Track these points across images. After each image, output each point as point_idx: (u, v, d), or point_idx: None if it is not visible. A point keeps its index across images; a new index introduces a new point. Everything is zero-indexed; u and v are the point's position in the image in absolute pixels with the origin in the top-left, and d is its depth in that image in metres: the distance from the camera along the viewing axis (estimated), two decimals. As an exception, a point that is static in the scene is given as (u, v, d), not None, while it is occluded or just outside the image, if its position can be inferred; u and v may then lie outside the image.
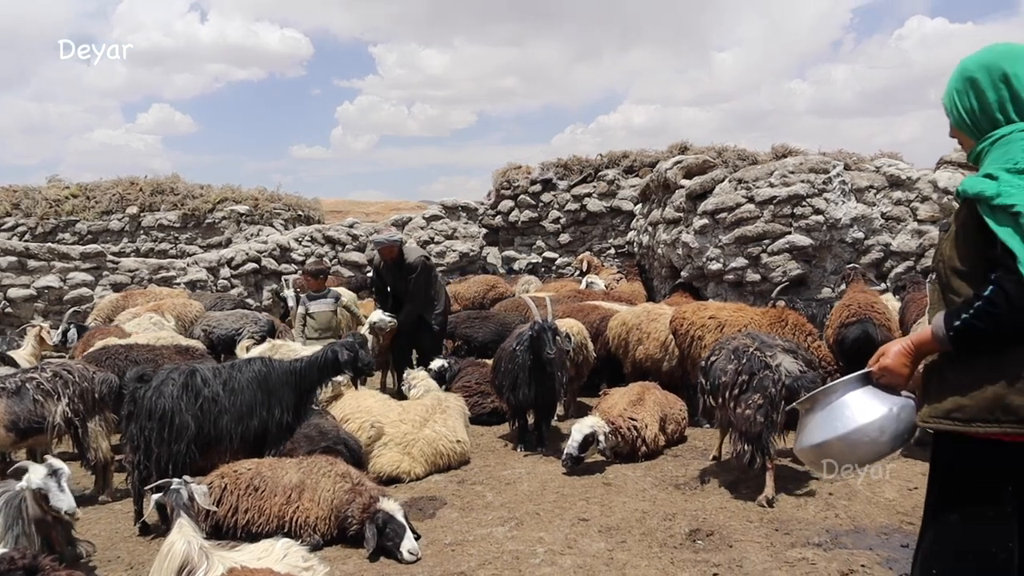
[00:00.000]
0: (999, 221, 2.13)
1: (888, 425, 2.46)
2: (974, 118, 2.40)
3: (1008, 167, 2.19)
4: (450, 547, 4.73)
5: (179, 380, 5.18)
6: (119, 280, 13.34)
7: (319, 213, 20.63)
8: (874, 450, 2.50)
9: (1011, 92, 2.32)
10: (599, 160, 16.31)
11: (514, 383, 6.76)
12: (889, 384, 2.48)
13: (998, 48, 2.40)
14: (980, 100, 2.37)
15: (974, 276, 2.25)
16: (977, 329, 2.18)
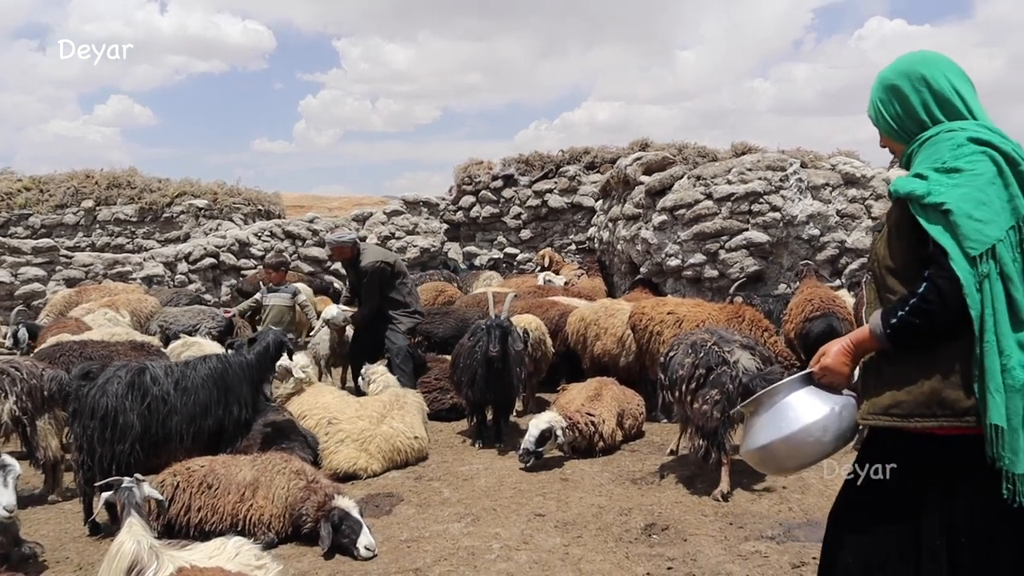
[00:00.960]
0: (930, 219, 2.19)
1: (831, 424, 2.47)
2: (901, 123, 2.46)
3: (936, 166, 2.24)
4: (406, 544, 4.72)
5: (125, 378, 5.09)
6: (73, 275, 13.10)
7: (280, 208, 20.43)
8: (819, 449, 2.51)
9: (932, 93, 2.38)
10: (561, 156, 16.36)
11: (472, 379, 6.75)
12: (831, 383, 2.50)
13: (911, 55, 2.48)
14: (904, 105, 2.43)
15: (908, 274, 2.30)
16: (913, 326, 2.23)
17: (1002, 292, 2.13)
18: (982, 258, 2.12)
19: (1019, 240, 2.17)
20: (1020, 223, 2.17)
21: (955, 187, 2.18)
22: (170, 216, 17.12)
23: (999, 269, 2.13)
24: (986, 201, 2.16)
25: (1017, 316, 2.14)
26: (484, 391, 6.71)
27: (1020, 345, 2.12)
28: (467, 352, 6.87)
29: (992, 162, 2.20)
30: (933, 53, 2.47)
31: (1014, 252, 2.16)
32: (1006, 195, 2.18)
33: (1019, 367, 2.11)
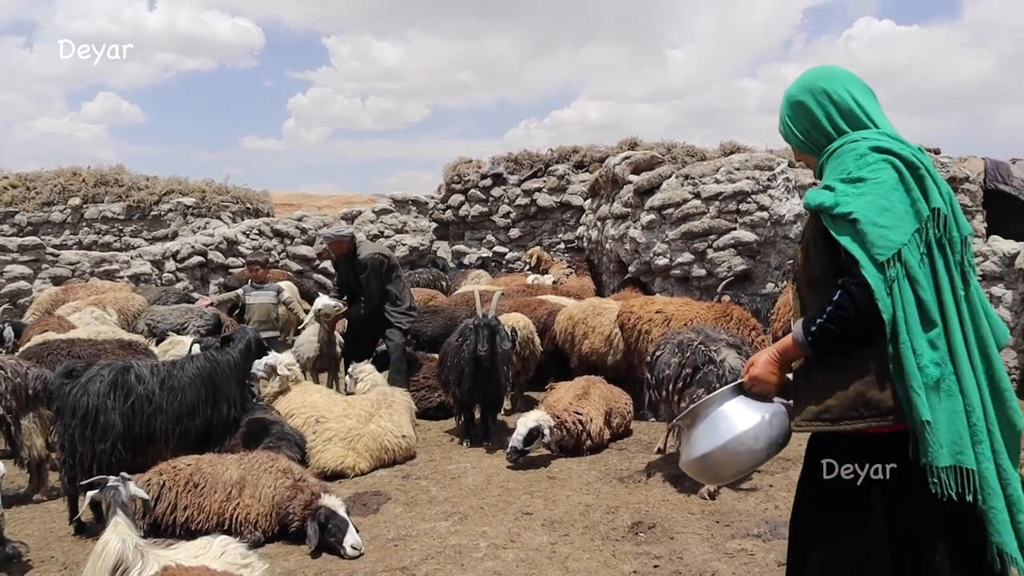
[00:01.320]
0: (839, 230, 2.28)
1: (762, 432, 2.54)
2: (809, 137, 2.54)
3: (842, 177, 2.33)
4: (393, 542, 4.72)
5: (108, 377, 5.06)
6: (59, 273, 13.02)
7: (268, 206, 20.35)
8: (752, 457, 2.58)
9: (834, 106, 2.47)
10: (550, 155, 16.36)
11: (459, 378, 6.76)
12: (761, 392, 2.57)
13: (813, 71, 2.58)
14: (810, 119, 2.51)
15: (826, 284, 2.37)
16: (831, 332, 2.31)
17: (911, 294, 2.22)
18: (890, 263, 2.21)
19: (924, 242, 2.25)
20: (924, 225, 2.25)
21: (860, 196, 2.26)
22: (158, 214, 17.03)
23: (906, 272, 2.21)
24: (890, 207, 2.25)
25: (926, 316, 2.22)
26: (472, 390, 6.71)
27: (930, 344, 2.21)
28: (454, 351, 6.87)
29: (894, 169, 2.29)
30: (834, 68, 2.57)
31: (920, 254, 2.24)
32: (908, 200, 2.27)
33: (931, 364, 2.19)
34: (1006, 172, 11.86)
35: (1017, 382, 7.29)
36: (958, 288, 2.28)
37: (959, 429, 2.22)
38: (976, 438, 2.23)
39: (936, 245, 2.26)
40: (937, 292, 2.26)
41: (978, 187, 11.16)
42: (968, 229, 2.37)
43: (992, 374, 2.30)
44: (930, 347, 2.21)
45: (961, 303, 2.28)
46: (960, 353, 2.25)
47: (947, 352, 2.24)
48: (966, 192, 10.86)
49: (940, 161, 10.70)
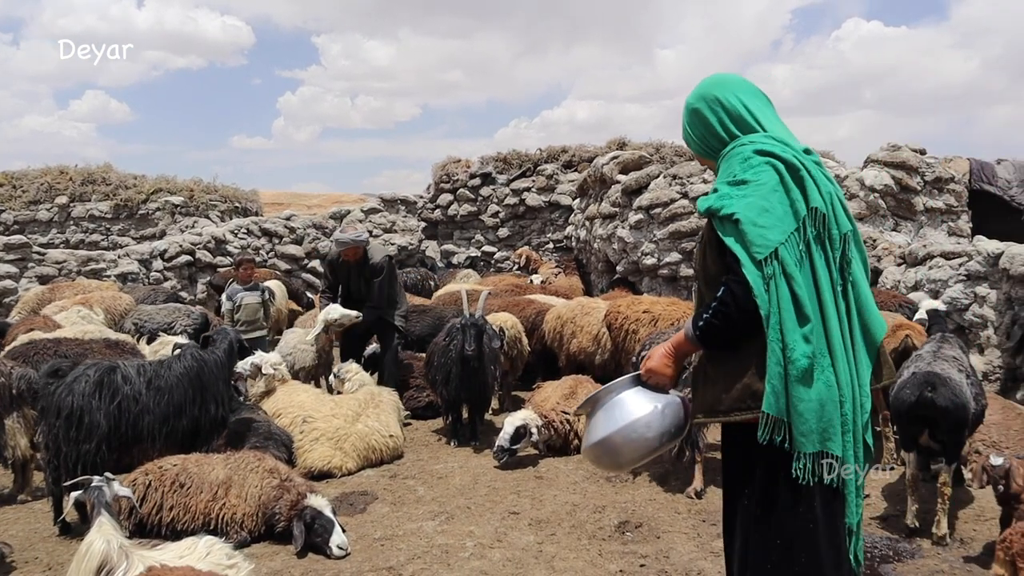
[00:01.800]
0: (725, 230, 2.40)
1: (654, 421, 2.62)
2: (706, 142, 2.65)
3: (728, 180, 2.45)
4: (379, 542, 4.72)
5: (93, 377, 5.04)
6: (46, 272, 12.95)
7: (257, 205, 20.31)
8: (644, 445, 2.66)
9: (725, 112, 2.58)
10: (538, 155, 16.38)
11: (446, 377, 6.75)
12: (657, 384, 2.68)
13: (708, 79, 2.69)
14: (705, 125, 2.62)
15: (720, 282, 2.46)
16: (715, 327, 2.44)
17: (787, 291, 2.31)
18: (767, 261, 2.31)
19: (803, 240, 2.36)
20: (802, 225, 2.36)
21: (742, 197, 2.38)
22: (146, 213, 16.97)
23: (783, 270, 2.31)
24: (769, 208, 2.36)
25: (801, 312, 2.32)
26: (459, 389, 6.71)
27: (804, 338, 2.31)
28: (441, 350, 6.87)
29: (775, 171, 2.40)
30: (727, 75, 2.69)
31: (798, 252, 2.35)
32: (788, 200, 2.37)
33: (803, 357, 2.30)
34: (991, 173, 11.94)
35: (1001, 381, 7.34)
36: (836, 283, 2.39)
37: (832, 418, 2.34)
38: (845, 427, 2.37)
39: (816, 243, 2.37)
40: (816, 288, 2.36)
41: (963, 187, 11.20)
42: (847, 227, 2.44)
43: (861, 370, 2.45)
44: (804, 341, 2.31)
45: (839, 298, 2.40)
46: (837, 346, 2.37)
47: (824, 345, 2.35)
48: (951, 192, 10.90)
49: (926, 161, 10.74)
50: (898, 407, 4.69)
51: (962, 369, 4.82)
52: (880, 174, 10.35)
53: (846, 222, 2.45)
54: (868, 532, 4.81)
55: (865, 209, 10.15)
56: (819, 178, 2.44)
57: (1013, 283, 7.24)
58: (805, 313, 2.32)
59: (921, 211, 10.63)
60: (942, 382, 4.55)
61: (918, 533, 4.69)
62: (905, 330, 5.74)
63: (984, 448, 5.61)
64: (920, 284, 8.34)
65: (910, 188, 10.52)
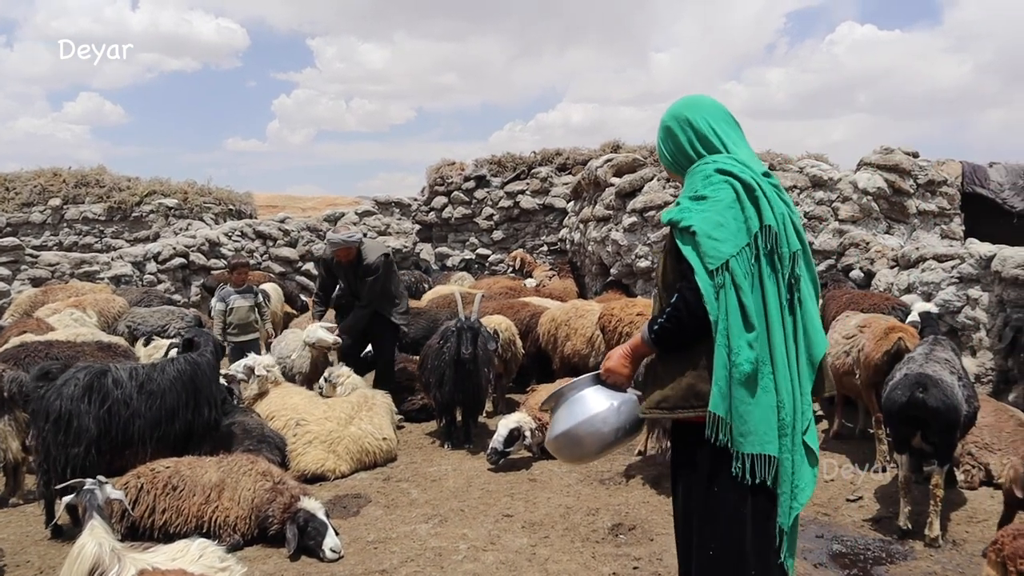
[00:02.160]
0: (683, 241, 2.60)
1: (610, 417, 2.85)
2: (677, 159, 2.85)
3: (690, 195, 2.67)
4: (372, 545, 4.71)
5: (83, 381, 5.03)
6: (38, 274, 12.91)
7: (251, 208, 20.26)
8: (600, 439, 2.88)
9: (694, 132, 2.78)
10: (533, 158, 16.39)
11: (440, 380, 6.75)
12: (615, 383, 2.90)
13: (682, 100, 2.90)
14: (675, 143, 2.83)
15: (675, 288, 2.67)
16: (668, 330, 2.65)
17: (735, 300, 2.50)
18: (718, 271, 2.51)
19: (755, 255, 2.55)
20: (754, 240, 2.55)
21: (701, 212, 2.58)
22: (139, 215, 16.92)
23: (732, 280, 2.50)
24: (723, 223, 2.55)
25: (747, 320, 2.50)
26: (453, 392, 6.71)
27: (749, 345, 2.50)
28: (435, 353, 6.87)
29: (732, 189, 2.60)
30: (699, 97, 2.91)
31: (748, 265, 2.53)
32: (742, 217, 2.56)
33: (746, 362, 2.48)
34: (983, 176, 11.97)
35: (994, 383, 7.36)
36: (784, 298, 2.59)
37: (770, 421, 2.53)
38: (783, 431, 2.54)
39: (766, 258, 2.56)
40: (764, 300, 2.55)
41: (956, 190, 11.23)
42: (796, 246, 2.63)
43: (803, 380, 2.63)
44: (748, 347, 2.50)
45: (785, 312, 2.59)
46: (779, 356, 2.55)
47: (768, 354, 2.54)
48: (944, 195, 10.93)
49: (919, 164, 10.77)
50: (890, 408, 4.71)
51: (954, 371, 4.84)
52: (873, 177, 10.38)
53: (796, 241, 2.63)
54: (861, 534, 4.83)
55: (858, 212, 10.18)
56: (773, 198, 2.63)
57: (1005, 285, 7.27)
58: (751, 322, 2.51)
59: (914, 214, 10.65)
60: (933, 383, 4.57)
61: (911, 535, 4.70)
62: (898, 332, 5.75)
63: (976, 450, 5.64)
64: (913, 286, 8.36)
65: (903, 191, 10.55)
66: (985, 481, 5.58)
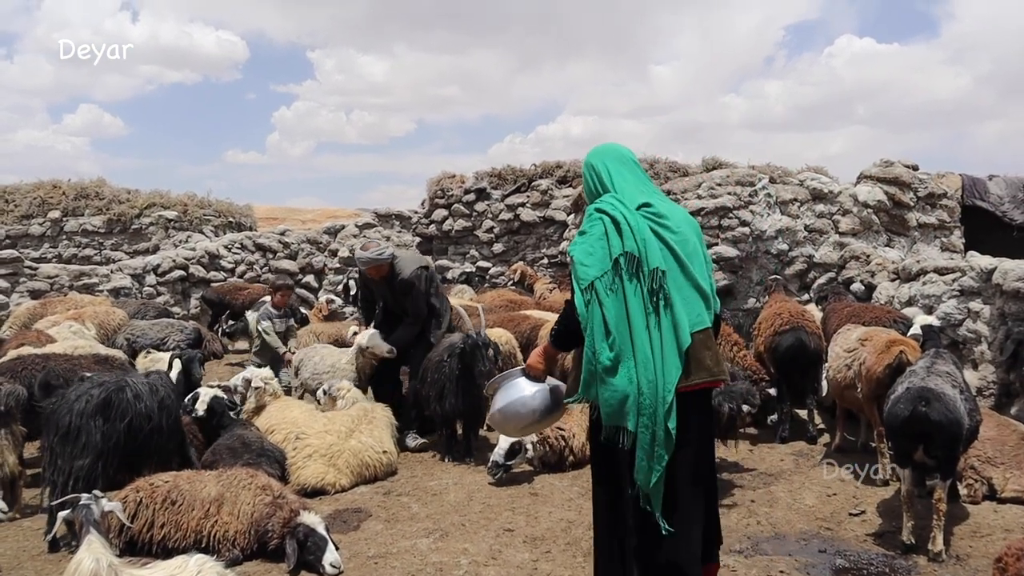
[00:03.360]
0: (571, 267, 3.35)
1: (529, 401, 3.65)
2: (591, 195, 3.56)
3: (582, 230, 3.37)
4: (373, 560, 4.68)
5: (97, 397, 5.03)
6: (37, 287, 12.90)
7: (251, 220, 20.26)
8: (524, 416, 3.69)
9: (595, 174, 3.54)
10: (533, 170, 16.36)
11: (440, 393, 6.72)
12: (534, 376, 3.70)
13: (594, 148, 3.64)
14: (586, 182, 3.61)
15: None
16: (560, 333, 3.56)
17: (598, 311, 3.21)
18: (586, 290, 3.24)
19: (617, 275, 3.21)
20: (615, 264, 3.22)
21: (579, 244, 3.34)
22: (139, 228, 16.93)
23: (596, 296, 3.22)
24: (592, 252, 3.27)
25: (607, 327, 3.19)
26: (454, 406, 6.67)
27: (608, 346, 3.19)
28: (435, 366, 6.84)
29: (603, 224, 3.30)
30: (606, 145, 3.65)
31: (608, 284, 3.21)
32: (607, 246, 3.25)
33: (606, 359, 3.18)
34: (983, 189, 11.99)
35: (996, 396, 7.34)
36: (647, 305, 3.20)
37: (629, 403, 3.16)
38: (642, 411, 3.15)
39: (629, 275, 3.21)
40: (626, 310, 3.20)
41: (956, 203, 11.25)
42: (655, 263, 3.21)
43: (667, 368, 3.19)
44: (608, 348, 3.19)
45: (650, 315, 3.20)
46: (641, 352, 3.17)
47: (629, 351, 3.18)
48: (944, 208, 10.95)
49: (919, 177, 10.79)
50: (892, 422, 4.69)
51: (956, 384, 4.82)
52: (873, 190, 10.39)
53: (655, 260, 3.22)
54: (864, 549, 4.80)
55: (859, 225, 10.18)
56: (638, 228, 3.25)
57: (1006, 298, 7.26)
58: (609, 328, 3.19)
59: (914, 227, 10.66)
60: (935, 397, 4.55)
61: (914, 550, 4.67)
62: (899, 346, 5.73)
63: (979, 464, 5.61)
64: (914, 299, 8.35)
65: (903, 204, 10.56)
66: (988, 495, 5.56)
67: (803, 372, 7.22)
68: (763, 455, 6.72)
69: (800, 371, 7.21)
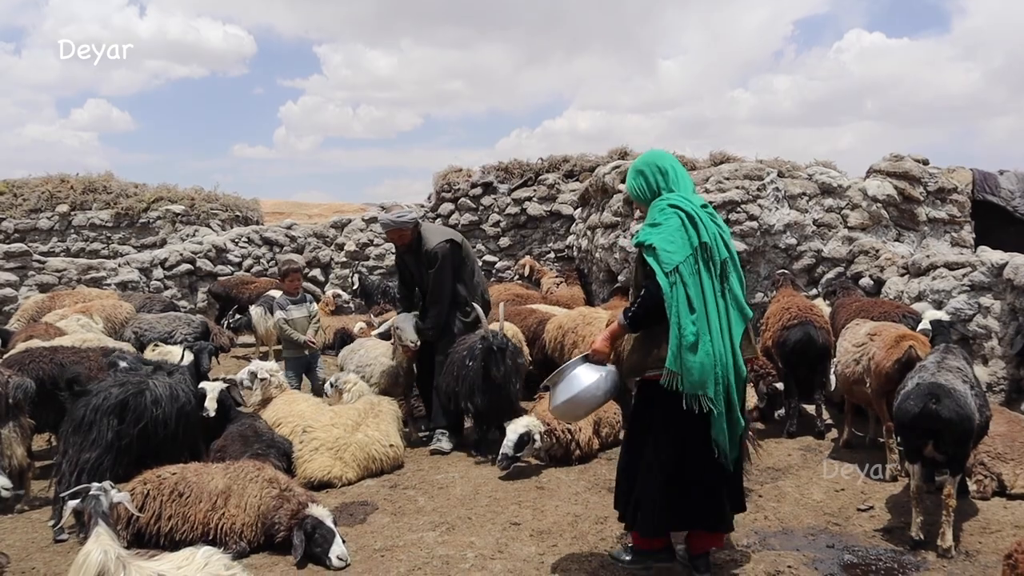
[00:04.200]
0: (648, 254, 3.86)
1: (602, 384, 4.08)
2: (644, 193, 4.14)
3: (650, 223, 3.95)
4: (379, 553, 4.67)
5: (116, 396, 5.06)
6: (46, 280, 12.92)
7: (258, 214, 20.30)
8: (594, 400, 4.14)
9: (662, 175, 4.09)
10: (540, 164, 16.33)
11: (471, 391, 6.54)
12: (598, 360, 4.12)
13: (648, 153, 4.25)
14: (646, 182, 4.13)
15: (641, 287, 4.01)
16: (639, 315, 3.93)
17: (682, 292, 3.76)
18: (671, 273, 3.77)
19: (696, 261, 3.80)
20: (695, 252, 3.81)
21: (658, 234, 3.85)
22: (146, 222, 16.96)
23: (681, 279, 3.77)
24: (673, 240, 3.81)
25: (691, 305, 3.76)
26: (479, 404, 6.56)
27: (692, 322, 3.74)
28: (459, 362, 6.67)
29: (678, 218, 3.87)
30: (661, 151, 4.29)
31: (691, 268, 3.79)
32: (685, 236, 3.84)
33: (690, 334, 3.72)
34: (994, 183, 11.89)
35: (1006, 392, 7.29)
36: (717, 289, 3.86)
37: (707, 373, 3.74)
38: (717, 381, 3.78)
39: (703, 264, 3.83)
40: (702, 291, 3.79)
41: (966, 198, 11.16)
42: (724, 255, 3.92)
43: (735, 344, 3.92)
44: (692, 324, 3.74)
45: (719, 298, 3.86)
46: (715, 329, 3.80)
47: (706, 328, 3.76)
48: (954, 203, 10.86)
49: (929, 171, 10.70)
50: (902, 418, 4.65)
51: (966, 380, 4.79)
52: (883, 184, 10.32)
53: (724, 251, 3.92)
54: (872, 544, 4.78)
55: (868, 219, 10.12)
56: (707, 223, 3.89)
57: (1018, 294, 7.21)
58: (693, 306, 3.76)
59: (924, 221, 10.59)
60: (946, 393, 4.51)
61: (923, 545, 4.65)
62: (909, 341, 5.70)
63: (989, 460, 5.58)
64: (923, 295, 8.30)
65: (913, 198, 10.49)
66: (998, 491, 5.52)
67: (811, 367, 7.19)
68: (770, 450, 6.69)
69: (808, 366, 7.18)
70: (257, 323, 10.94)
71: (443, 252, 6.61)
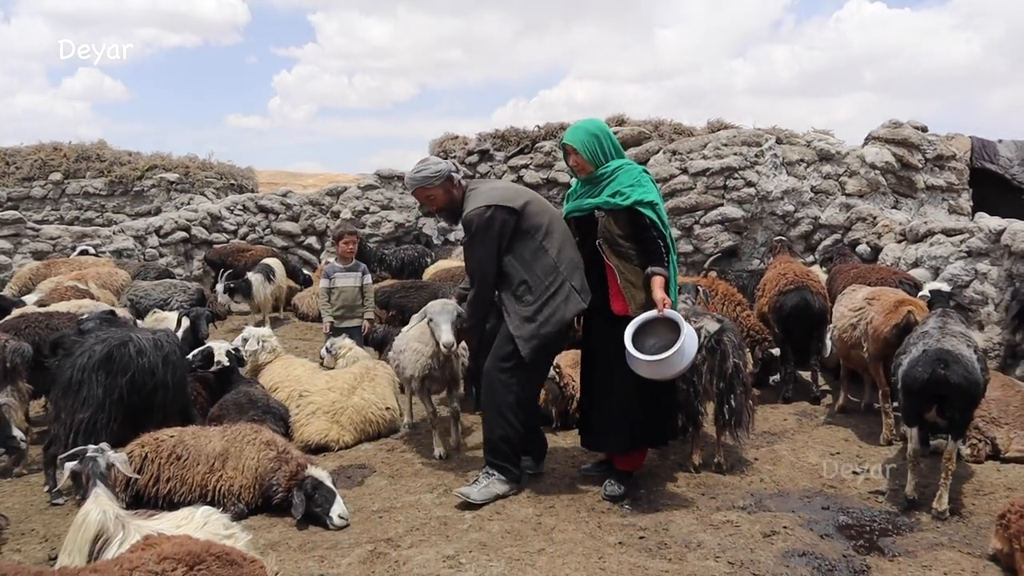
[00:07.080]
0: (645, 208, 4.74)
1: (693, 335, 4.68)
2: (597, 156, 4.89)
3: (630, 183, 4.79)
4: (377, 514, 4.69)
5: (100, 352, 5.00)
6: (40, 248, 12.86)
7: (253, 182, 20.17)
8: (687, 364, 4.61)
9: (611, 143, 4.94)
10: (536, 132, 16.21)
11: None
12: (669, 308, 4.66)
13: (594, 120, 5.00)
14: (605, 144, 4.90)
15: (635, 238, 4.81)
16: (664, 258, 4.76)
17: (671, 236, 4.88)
18: (668, 226, 4.82)
19: None
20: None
21: (647, 187, 4.80)
22: (141, 190, 16.87)
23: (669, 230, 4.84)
24: (661, 200, 4.84)
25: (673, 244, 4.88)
26: None
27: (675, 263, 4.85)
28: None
29: (651, 180, 4.92)
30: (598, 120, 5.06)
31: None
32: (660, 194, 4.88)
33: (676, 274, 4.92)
34: (992, 151, 11.87)
35: (1001, 358, 7.32)
36: None
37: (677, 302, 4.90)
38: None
39: None
40: None
41: (964, 165, 11.14)
42: None
43: None
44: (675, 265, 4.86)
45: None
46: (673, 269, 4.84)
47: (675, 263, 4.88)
48: (952, 170, 10.83)
49: (927, 138, 10.67)
50: (909, 384, 4.60)
51: (970, 345, 4.76)
52: (881, 151, 10.29)
53: None
54: (867, 506, 4.81)
55: (866, 186, 10.09)
56: None
57: (1015, 260, 7.22)
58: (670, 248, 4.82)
59: (922, 188, 10.57)
60: (954, 359, 4.48)
61: (916, 506, 4.68)
62: (908, 306, 5.70)
63: (983, 424, 5.61)
64: (920, 261, 8.30)
65: (911, 165, 10.46)
66: (992, 455, 5.56)
67: (807, 332, 7.20)
68: (766, 415, 6.72)
69: (804, 331, 7.18)
70: (257, 290, 10.90)
71: (479, 220, 4.82)
